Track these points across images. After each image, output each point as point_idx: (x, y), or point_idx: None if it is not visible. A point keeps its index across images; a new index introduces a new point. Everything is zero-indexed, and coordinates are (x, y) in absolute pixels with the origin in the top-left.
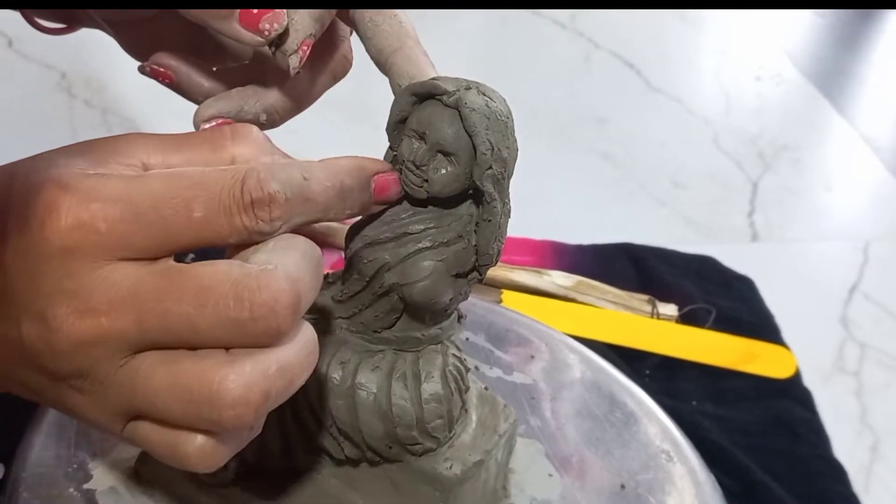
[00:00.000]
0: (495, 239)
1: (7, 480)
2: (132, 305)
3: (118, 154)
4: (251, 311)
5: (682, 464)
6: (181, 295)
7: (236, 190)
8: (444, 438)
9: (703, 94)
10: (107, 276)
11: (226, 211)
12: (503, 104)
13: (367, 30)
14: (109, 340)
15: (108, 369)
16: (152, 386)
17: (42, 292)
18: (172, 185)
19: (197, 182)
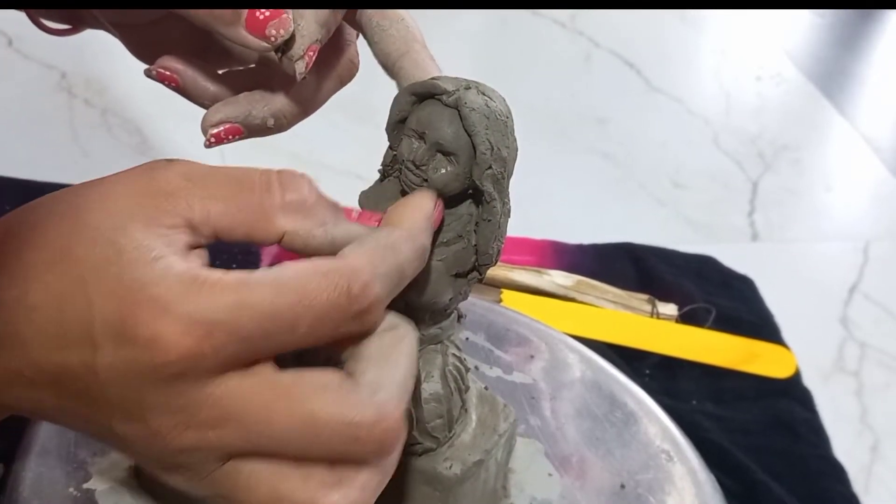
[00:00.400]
0: (495, 239)
1: (7, 480)
2: (239, 422)
3: (164, 215)
4: (363, 448)
5: (682, 464)
6: (293, 421)
7: (342, 302)
8: (443, 438)
9: (703, 94)
10: (212, 392)
11: (333, 324)
12: (503, 104)
13: (374, 34)
14: (214, 449)
15: (208, 469)
16: (255, 496)
17: (145, 405)
18: (278, 304)
19: (302, 297)
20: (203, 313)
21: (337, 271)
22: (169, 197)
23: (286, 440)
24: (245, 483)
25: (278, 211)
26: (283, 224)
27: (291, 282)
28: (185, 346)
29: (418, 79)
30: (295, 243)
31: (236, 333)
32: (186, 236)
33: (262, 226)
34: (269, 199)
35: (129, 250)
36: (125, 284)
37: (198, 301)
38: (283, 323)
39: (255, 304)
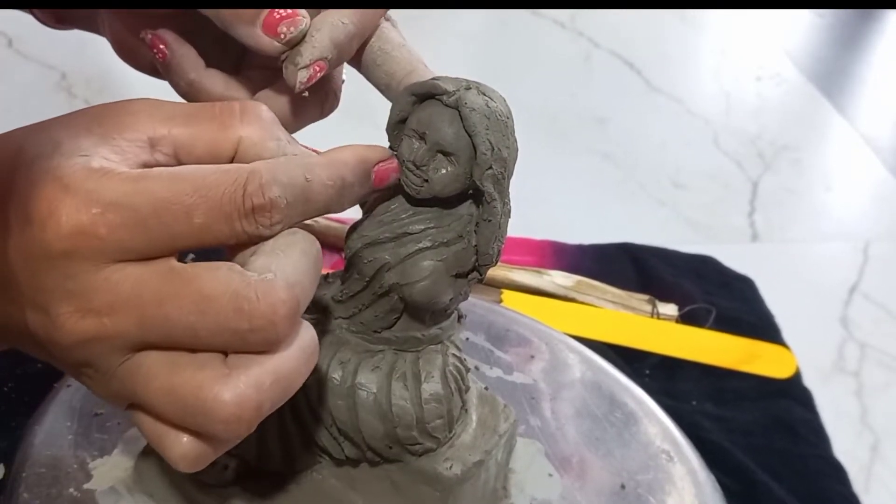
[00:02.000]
0: (495, 239)
1: (7, 480)
2: (133, 307)
3: (124, 129)
4: (250, 322)
5: (682, 464)
6: (182, 300)
7: (237, 196)
8: (444, 438)
9: (703, 94)
10: (108, 277)
11: (227, 217)
12: (503, 104)
13: (377, 57)
14: (111, 339)
15: (110, 364)
16: (151, 388)
17: (45, 289)
18: (174, 190)
19: (199, 187)
20: (99, 193)
21: (237, 169)
22: (132, 114)
23: (177, 323)
24: (143, 376)
25: (236, 120)
26: (241, 130)
27: (190, 173)
28: (77, 221)
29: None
30: (249, 152)
31: (131, 216)
32: (144, 153)
33: (222, 136)
34: (229, 113)
35: (65, 150)
36: (44, 171)
37: (97, 183)
38: (179, 210)
39: (152, 189)
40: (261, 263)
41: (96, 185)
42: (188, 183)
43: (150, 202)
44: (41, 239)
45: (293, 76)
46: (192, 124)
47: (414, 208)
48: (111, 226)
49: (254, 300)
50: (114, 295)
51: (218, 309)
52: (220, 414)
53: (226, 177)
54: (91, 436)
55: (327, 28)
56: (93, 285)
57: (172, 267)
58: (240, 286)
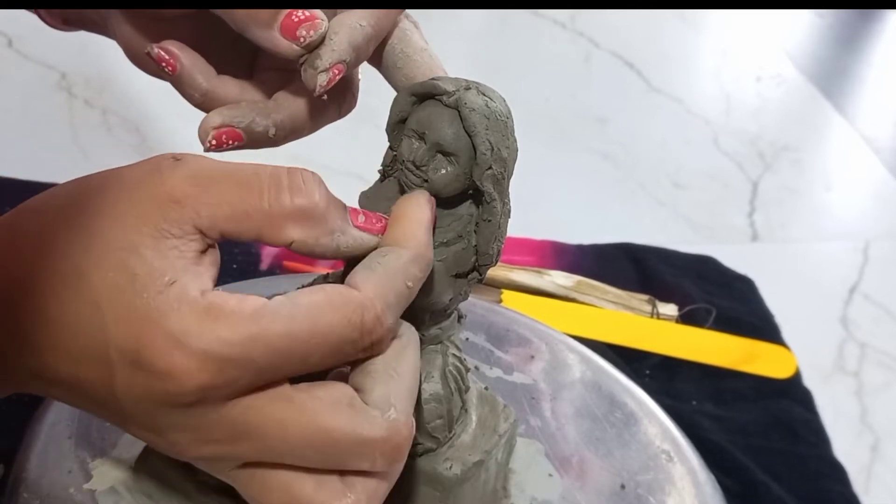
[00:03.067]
0: (495, 239)
1: (7, 480)
2: (255, 437)
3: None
4: (372, 465)
5: (682, 464)
6: (305, 435)
7: (354, 335)
8: (444, 438)
9: (703, 95)
10: (227, 413)
11: (344, 356)
12: (503, 104)
13: (398, 60)
14: (231, 459)
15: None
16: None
17: (161, 422)
18: (291, 338)
19: (315, 333)
20: (217, 349)
21: (349, 305)
22: (176, 205)
23: (300, 454)
24: (259, 485)
25: (287, 219)
26: (292, 233)
27: (305, 317)
28: (199, 380)
29: None
30: (302, 250)
31: (249, 367)
32: (196, 243)
33: (270, 233)
34: (278, 205)
35: (141, 275)
36: (139, 313)
37: (211, 336)
38: (295, 357)
39: (269, 339)
40: (379, 395)
41: (210, 337)
42: (305, 330)
43: (267, 354)
44: (160, 390)
45: (312, 80)
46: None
47: None
48: (230, 379)
49: (381, 445)
50: (234, 429)
51: (343, 450)
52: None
53: (340, 316)
54: (91, 436)
55: (346, 31)
56: (212, 422)
57: (290, 396)
58: (366, 432)
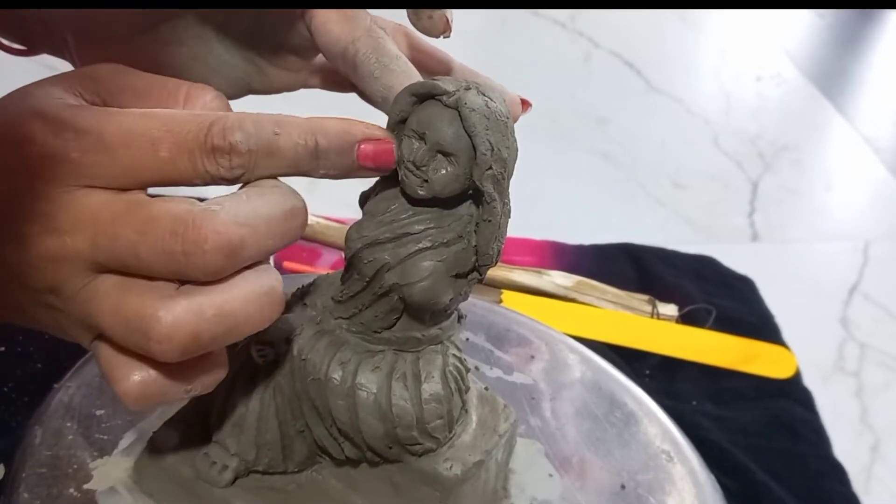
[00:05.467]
0: (495, 239)
1: (7, 480)
2: (90, 227)
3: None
4: (183, 246)
5: (682, 464)
6: (130, 222)
7: (201, 135)
8: (444, 439)
9: (703, 95)
10: (75, 199)
11: (189, 154)
12: (503, 104)
13: (375, 69)
14: (71, 259)
15: (73, 287)
16: (104, 308)
17: (19, 213)
18: (143, 123)
19: (165, 123)
20: (74, 121)
21: (207, 113)
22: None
23: (123, 243)
24: (99, 298)
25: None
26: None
27: (161, 112)
28: (51, 143)
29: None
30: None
31: (101, 142)
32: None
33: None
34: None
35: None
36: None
37: (71, 113)
38: (146, 141)
39: (123, 120)
40: (218, 201)
41: (70, 114)
42: (157, 119)
43: (119, 131)
44: (17, 163)
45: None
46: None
47: (414, 208)
48: (82, 149)
49: (188, 225)
50: (76, 215)
51: (157, 230)
52: (154, 332)
53: (194, 118)
54: (91, 436)
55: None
56: (60, 206)
57: (138, 197)
58: (181, 212)
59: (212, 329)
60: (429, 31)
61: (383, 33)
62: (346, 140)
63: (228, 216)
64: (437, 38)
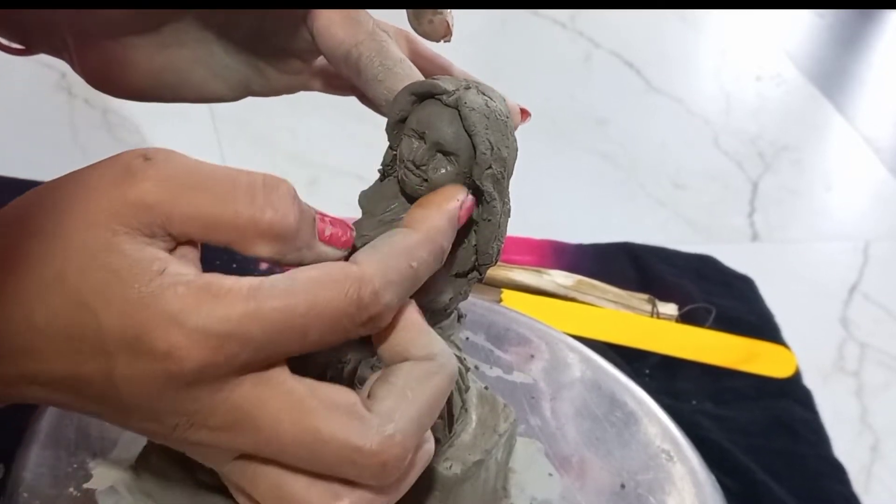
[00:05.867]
0: (495, 238)
1: (7, 480)
2: (250, 427)
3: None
4: (359, 474)
5: (682, 464)
6: (297, 435)
7: (352, 309)
8: (444, 438)
9: (703, 95)
10: (226, 397)
11: (343, 331)
12: (502, 104)
13: (378, 73)
14: (225, 448)
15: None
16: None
17: (161, 407)
18: (288, 313)
19: (312, 305)
20: (215, 325)
21: (348, 279)
22: (148, 210)
23: (290, 451)
24: (251, 479)
25: (257, 235)
26: (261, 249)
27: (302, 291)
28: (199, 357)
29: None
30: (268, 261)
31: (248, 344)
32: (168, 244)
33: (241, 245)
34: (251, 221)
35: (126, 268)
36: (133, 302)
37: (210, 313)
38: (294, 332)
39: (266, 313)
40: (386, 407)
41: (209, 314)
42: (303, 303)
43: (265, 329)
44: (160, 372)
45: (442, 23)
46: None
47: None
48: (229, 355)
49: (369, 456)
50: (231, 415)
51: (331, 454)
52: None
53: (339, 291)
54: (91, 436)
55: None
56: (211, 405)
57: (290, 388)
58: (356, 440)
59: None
60: (429, 35)
61: (386, 36)
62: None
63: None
64: (438, 42)
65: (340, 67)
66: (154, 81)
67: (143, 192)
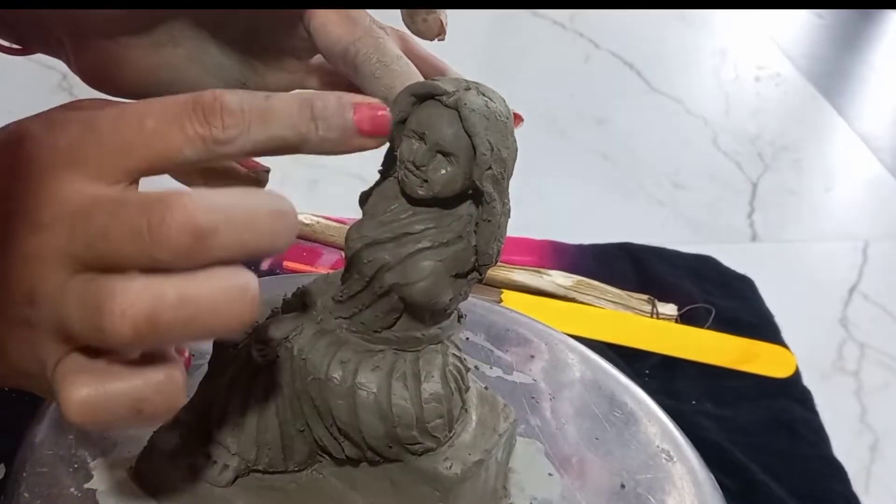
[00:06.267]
0: (495, 239)
1: (7, 480)
2: (69, 218)
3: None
4: (149, 221)
5: (681, 463)
6: (105, 207)
7: (189, 101)
8: (444, 438)
9: (702, 95)
10: (61, 193)
11: (177, 119)
12: (502, 104)
13: (376, 69)
14: (49, 255)
15: (48, 288)
16: (69, 299)
17: (10, 214)
18: (132, 104)
19: (155, 101)
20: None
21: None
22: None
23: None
24: (68, 292)
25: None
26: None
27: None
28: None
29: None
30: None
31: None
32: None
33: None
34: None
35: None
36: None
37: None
38: (132, 118)
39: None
40: (197, 189)
41: (65, 111)
42: (148, 100)
43: (109, 116)
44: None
45: (436, 23)
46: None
47: (414, 208)
48: (71, 136)
49: (158, 203)
50: (58, 208)
51: (127, 210)
52: (108, 305)
53: (182, 95)
54: (91, 436)
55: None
56: (45, 199)
57: (124, 189)
58: (154, 194)
59: (170, 314)
60: (423, 34)
61: (384, 33)
62: (341, 102)
63: (201, 198)
64: (432, 41)
65: (338, 65)
66: (149, 80)
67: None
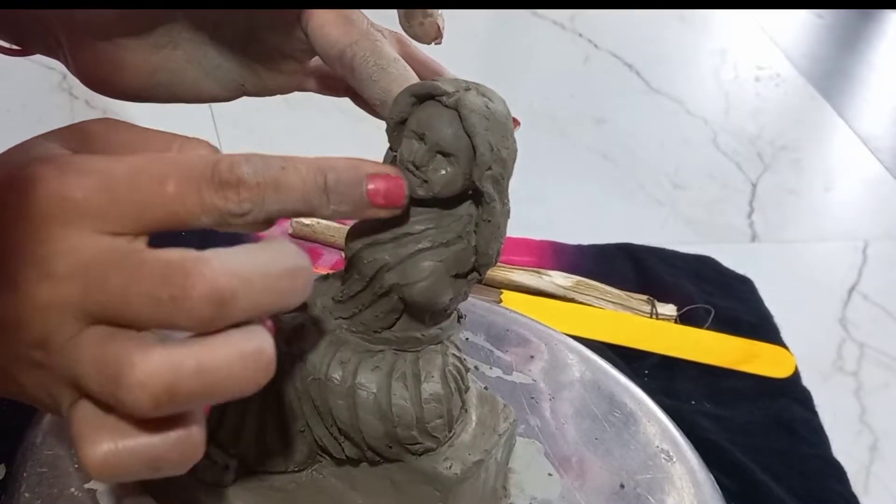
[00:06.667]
0: (495, 239)
1: (8, 480)
2: (84, 272)
3: (78, 136)
4: (170, 291)
5: (681, 464)
6: (123, 267)
7: (208, 170)
8: (443, 438)
9: (702, 95)
10: (75, 244)
11: (197, 188)
12: (502, 105)
13: (373, 73)
14: (62, 306)
15: (61, 337)
16: (84, 358)
17: (18, 260)
18: (150, 162)
19: (173, 161)
20: (81, 163)
21: (212, 154)
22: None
23: (113, 290)
24: (83, 347)
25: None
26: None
27: (167, 154)
28: (56, 185)
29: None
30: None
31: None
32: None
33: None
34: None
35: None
36: (23, 153)
37: (78, 157)
38: (152, 177)
39: (131, 161)
40: (216, 251)
41: (76, 158)
42: (165, 158)
43: (126, 171)
44: (22, 208)
45: (433, 26)
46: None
47: (414, 208)
48: (86, 189)
49: (179, 270)
50: (73, 259)
51: (147, 274)
52: (126, 377)
53: (201, 157)
54: None
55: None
56: (59, 250)
57: (136, 246)
58: (173, 257)
59: (189, 384)
60: (420, 37)
61: (381, 36)
62: (355, 175)
63: (221, 264)
64: (429, 44)
65: (335, 67)
66: (148, 82)
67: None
